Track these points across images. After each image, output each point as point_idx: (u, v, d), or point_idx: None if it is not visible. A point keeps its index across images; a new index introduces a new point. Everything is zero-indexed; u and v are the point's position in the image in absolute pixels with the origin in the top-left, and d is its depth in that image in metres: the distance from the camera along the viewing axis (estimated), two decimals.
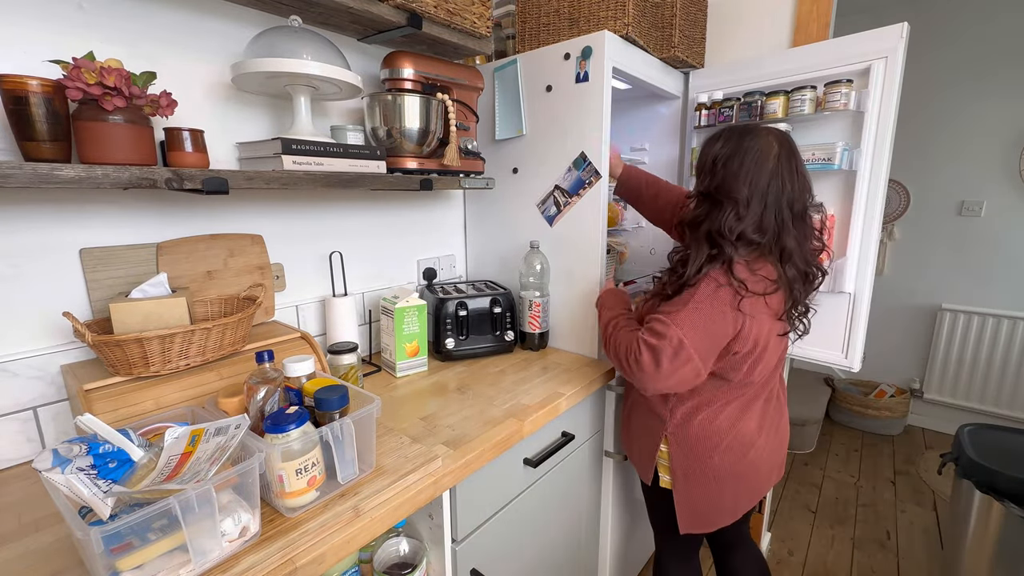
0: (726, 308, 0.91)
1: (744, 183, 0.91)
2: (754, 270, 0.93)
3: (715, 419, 1.03)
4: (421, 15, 1.10)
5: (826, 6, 1.38)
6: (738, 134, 0.96)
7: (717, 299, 0.91)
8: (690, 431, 1.05)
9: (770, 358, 1.00)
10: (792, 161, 0.93)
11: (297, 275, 1.26)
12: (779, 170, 0.92)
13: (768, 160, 0.91)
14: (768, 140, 0.93)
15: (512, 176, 1.50)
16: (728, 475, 1.05)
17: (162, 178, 0.78)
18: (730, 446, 1.03)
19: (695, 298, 0.91)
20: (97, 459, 0.57)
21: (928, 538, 2.00)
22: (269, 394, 0.79)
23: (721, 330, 0.92)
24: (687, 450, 1.05)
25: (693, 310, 0.91)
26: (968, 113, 2.58)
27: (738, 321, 0.91)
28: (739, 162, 0.92)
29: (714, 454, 1.04)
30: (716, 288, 0.91)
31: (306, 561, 0.65)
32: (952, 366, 2.76)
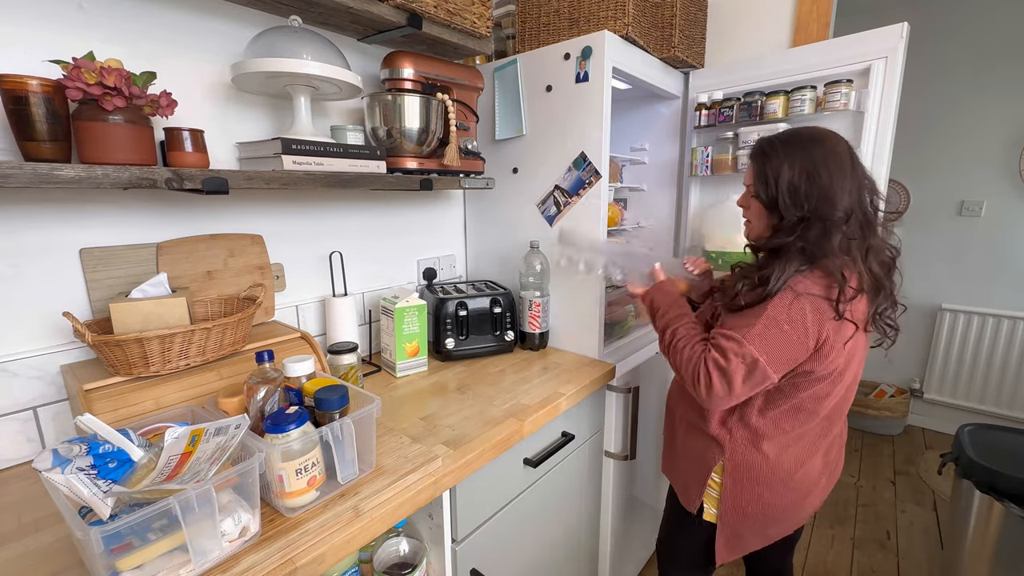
0: (807, 320, 0.82)
1: (842, 195, 0.83)
2: (833, 276, 0.84)
3: (782, 453, 0.93)
4: (421, 15, 1.10)
5: (826, 6, 1.39)
6: (799, 146, 0.87)
7: (793, 309, 0.82)
8: (753, 463, 0.94)
9: (847, 378, 0.92)
10: (855, 155, 0.88)
11: (297, 275, 1.26)
12: (856, 167, 0.86)
13: (846, 161, 0.85)
14: (833, 140, 0.87)
15: (512, 176, 1.50)
16: (784, 515, 0.98)
17: (162, 178, 0.78)
18: (794, 487, 0.95)
19: (770, 310, 0.83)
20: (97, 459, 0.57)
21: (928, 538, 2.00)
22: (269, 394, 0.79)
23: (798, 345, 0.83)
24: (746, 484, 0.95)
25: (768, 323, 0.82)
26: (968, 113, 2.58)
27: (818, 335, 0.83)
28: (827, 174, 0.83)
29: (778, 491, 0.94)
30: (794, 299, 0.82)
31: (306, 561, 0.65)
32: (952, 366, 2.76)
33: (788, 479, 0.94)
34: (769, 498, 0.95)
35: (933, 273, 2.79)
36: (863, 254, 0.87)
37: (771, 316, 0.82)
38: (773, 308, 0.83)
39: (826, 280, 0.84)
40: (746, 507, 0.97)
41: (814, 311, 0.82)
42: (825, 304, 0.82)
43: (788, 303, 0.83)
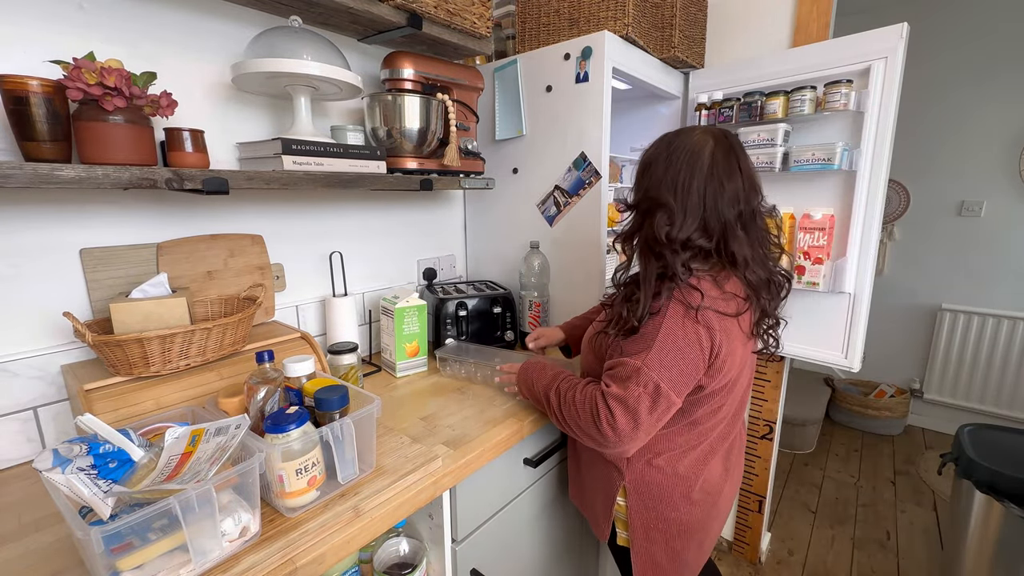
0: (701, 336, 0.78)
1: (672, 186, 0.81)
2: (722, 286, 0.82)
3: (678, 465, 0.90)
4: (421, 15, 1.10)
5: (826, 6, 1.38)
6: (668, 137, 0.87)
7: (687, 326, 0.78)
8: (652, 480, 0.91)
9: (739, 389, 0.91)
10: (731, 159, 0.82)
11: (297, 275, 1.26)
12: (714, 170, 0.80)
13: (700, 158, 0.81)
14: (701, 138, 0.83)
15: (512, 176, 1.50)
16: (695, 528, 0.93)
17: (162, 178, 0.78)
18: (697, 497, 0.92)
19: (664, 330, 0.78)
20: (97, 459, 0.57)
21: (928, 538, 2.00)
22: (269, 394, 0.79)
23: (696, 363, 0.79)
24: (649, 503, 0.92)
25: (664, 345, 0.77)
26: (968, 113, 2.58)
27: (712, 350, 0.79)
28: (665, 165, 0.82)
29: (680, 506, 0.91)
30: (685, 312, 0.78)
31: (306, 561, 0.65)
32: (952, 366, 2.76)
33: (689, 492, 0.91)
34: (674, 515, 0.91)
35: (933, 273, 2.79)
36: (729, 261, 0.83)
37: (666, 335, 0.77)
38: (667, 323, 0.78)
39: (713, 286, 0.81)
40: (653, 527, 0.93)
41: (706, 325, 0.78)
42: (716, 316, 0.79)
43: (681, 318, 0.78)
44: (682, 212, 0.80)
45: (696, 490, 0.91)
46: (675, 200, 0.80)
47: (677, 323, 0.78)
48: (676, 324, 0.78)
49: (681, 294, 0.79)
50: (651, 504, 0.92)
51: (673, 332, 0.78)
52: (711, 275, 0.82)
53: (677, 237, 0.80)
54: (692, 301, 0.78)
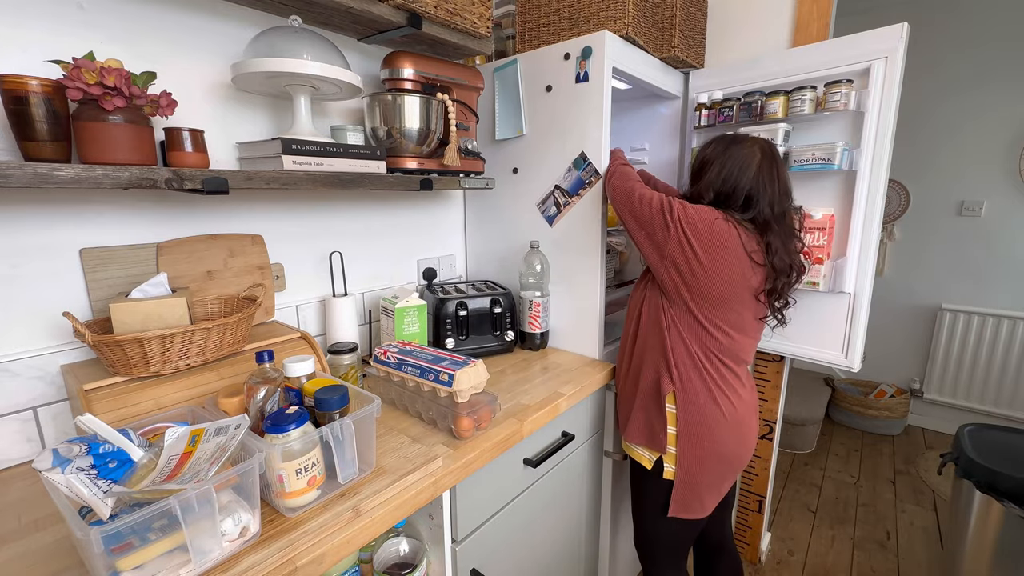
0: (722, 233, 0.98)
1: (719, 190, 1.03)
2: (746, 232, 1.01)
3: (712, 390, 1.06)
4: (421, 15, 1.10)
5: (826, 6, 1.38)
6: (727, 141, 1.05)
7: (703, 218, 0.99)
8: (697, 402, 1.06)
9: (748, 331, 1.07)
10: (773, 167, 1.02)
11: (297, 275, 1.26)
12: (760, 176, 1.01)
13: (750, 167, 1.01)
14: (752, 149, 1.02)
15: (512, 176, 1.50)
16: (730, 456, 1.09)
17: (162, 178, 0.78)
18: (731, 425, 1.07)
19: (679, 202, 1.01)
20: (97, 459, 0.57)
21: (928, 538, 2.00)
22: (269, 394, 0.79)
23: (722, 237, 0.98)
24: (695, 423, 1.06)
25: (680, 206, 1.00)
26: (968, 113, 2.58)
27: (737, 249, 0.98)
28: (720, 167, 1.03)
29: (718, 431, 1.06)
30: (714, 219, 0.99)
31: (306, 561, 0.65)
32: (952, 366, 2.76)
33: (725, 412, 1.06)
34: (717, 433, 1.06)
35: (933, 273, 2.79)
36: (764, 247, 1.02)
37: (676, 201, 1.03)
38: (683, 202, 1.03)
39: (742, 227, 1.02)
40: (700, 444, 1.07)
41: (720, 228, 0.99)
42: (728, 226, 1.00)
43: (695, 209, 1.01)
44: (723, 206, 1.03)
45: (728, 413, 1.06)
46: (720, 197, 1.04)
47: (692, 209, 1.00)
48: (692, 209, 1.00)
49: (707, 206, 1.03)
50: (700, 427, 1.06)
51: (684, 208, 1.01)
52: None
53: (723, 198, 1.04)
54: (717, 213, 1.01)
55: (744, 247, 0.98)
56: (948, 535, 1.58)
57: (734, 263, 0.98)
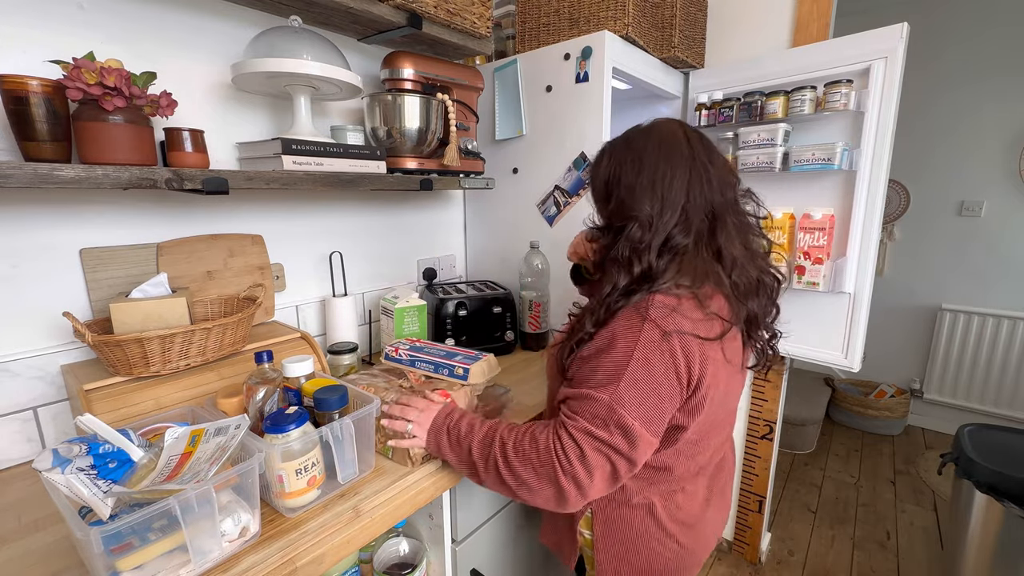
0: (679, 366, 0.65)
1: (651, 186, 0.69)
2: (705, 305, 0.68)
3: (653, 498, 0.78)
4: (421, 15, 1.10)
5: (826, 6, 1.38)
6: (623, 139, 0.76)
7: (664, 355, 0.64)
8: (619, 515, 0.79)
9: (722, 419, 0.79)
10: (704, 141, 0.74)
11: (297, 275, 1.26)
12: (696, 155, 0.71)
13: (678, 146, 0.71)
14: (668, 126, 0.74)
15: (512, 176, 1.50)
16: (676, 568, 0.81)
17: (162, 178, 0.78)
18: (677, 532, 0.79)
19: (636, 359, 0.64)
20: (97, 459, 0.57)
21: (928, 538, 2.00)
22: (268, 394, 0.79)
23: (671, 400, 0.66)
24: (618, 539, 0.80)
25: (636, 377, 0.64)
26: (968, 113, 2.58)
27: (691, 382, 0.67)
28: (636, 168, 0.71)
29: (653, 539, 0.79)
30: (662, 339, 0.64)
31: (306, 561, 0.65)
32: (952, 366, 2.76)
33: (666, 522, 0.79)
34: (645, 551, 0.79)
35: (933, 273, 2.79)
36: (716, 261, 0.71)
37: (638, 366, 0.64)
38: (640, 354, 0.64)
39: (697, 306, 0.67)
40: (624, 563, 0.80)
41: (686, 353, 0.65)
42: (697, 343, 0.65)
43: (655, 343, 0.64)
44: (659, 211, 0.68)
45: (670, 525, 0.79)
46: (655, 200, 0.69)
47: (653, 350, 0.64)
48: (653, 347, 0.64)
49: (658, 315, 0.65)
50: (618, 537, 0.80)
51: (648, 361, 0.64)
52: (693, 292, 0.68)
53: (652, 242, 0.68)
54: (669, 326, 0.64)
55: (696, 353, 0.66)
56: (948, 535, 1.58)
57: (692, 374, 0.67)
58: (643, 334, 0.64)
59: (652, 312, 0.65)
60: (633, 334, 0.65)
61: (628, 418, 0.63)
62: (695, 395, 0.68)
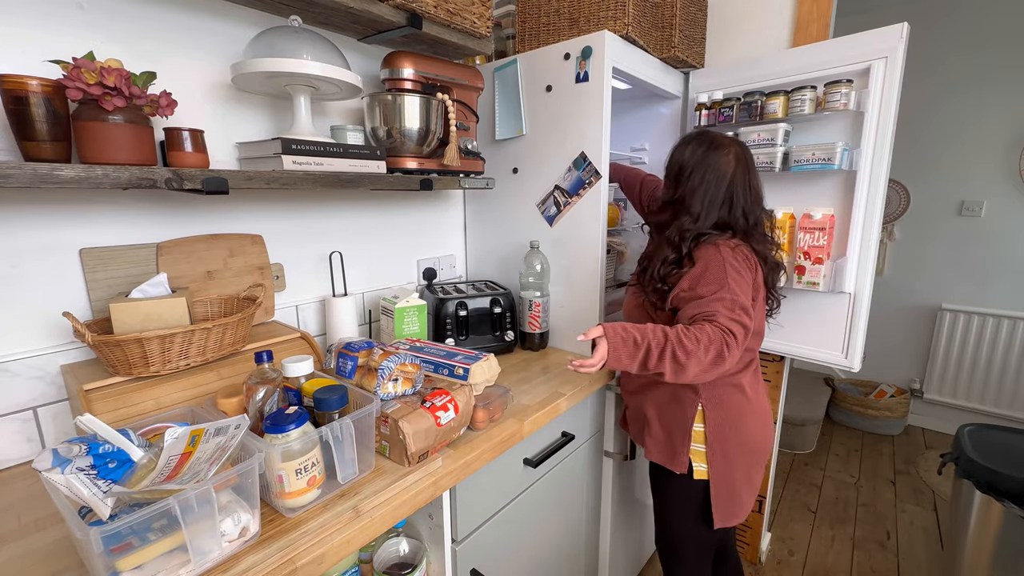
0: (751, 261, 1.00)
1: (701, 199, 1.02)
2: (747, 254, 1.02)
3: (740, 380, 1.06)
4: (421, 15, 1.10)
5: (826, 6, 1.38)
6: (706, 146, 1.04)
7: (739, 257, 0.98)
8: (724, 396, 1.05)
9: (760, 329, 1.08)
10: (747, 176, 1.04)
11: (297, 275, 1.26)
12: (733, 186, 1.03)
13: (725, 178, 1.02)
14: (728, 158, 1.03)
15: (512, 176, 1.50)
16: (760, 445, 1.08)
17: (162, 178, 0.78)
18: (756, 411, 1.07)
19: (728, 265, 0.96)
20: (97, 459, 0.57)
21: (928, 538, 2.00)
22: (268, 394, 0.79)
23: (752, 282, 0.99)
24: (724, 418, 1.05)
25: (734, 275, 0.95)
26: (968, 113, 2.58)
27: (756, 271, 1.01)
28: (700, 177, 1.02)
29: (748, 419, 1.05)
30: (733, 249, 0.98)
31: (306, 561, 0.65)
32: (952, 366, 2.76)
33: (750, 402, 1.07)
34: (747, 427, 1.06)
35: (933, 273, 2.79)
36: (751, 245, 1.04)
37: (731, 268, 0.95)
38: (728, 261, 0.96)
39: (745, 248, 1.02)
40: (730, 443, 1.05)
41: (748, 254, 1.00)
42: (749, 250, 1.02)
43: (731, 252, 0.98)
44: (704, 219, 1.02)
45: (753, 405, 1.07)
46: (697, 211, 1.02)
47: (732, 256, 0.97)
48: (732, 257, 0.97)
49: (725, 244, 0.99)
50: (725, 420, 1.05)
51: (734, 265, 0.96)
52: (740, 244, 1.02)
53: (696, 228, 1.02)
54: (732, 243, 0.99)
55: (756, 261, 1.02)
56: (948, 535, 1.58)
57: (755, 277, 1.02)
58: (722, 253, 0.98)
59: (722, 243, 1.00)
60: (717, 256, 0.98)
61: (743, 299, 0.94)
62: (755, 280, 1.01)
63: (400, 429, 0.80)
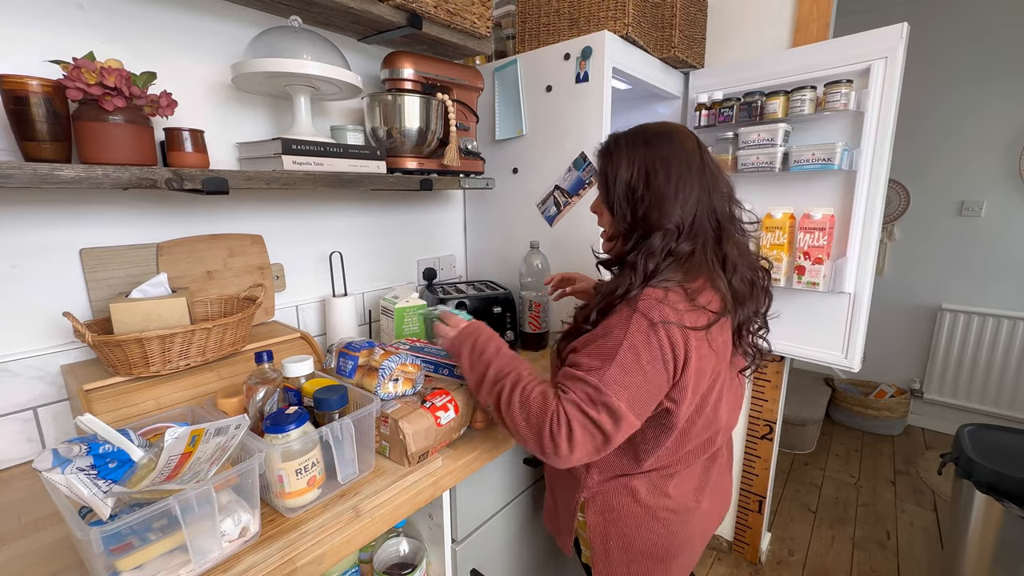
0: (665, 352, 0.69)
1: (678, 200, 0.74)
2: (695, 299, 0.72)
3: (631, 482, 0.83)
4: (421, 15, 1.10)
5: (826, 6, 1.38)
6: (642, 140, 0.78)
7: (651, 342, 0.69)
8: (612, 500, 0.84)
9: (714, 410, 0.80)
10: (708, 154, 0.79)
11: (297, 275, 1.26)
12: (705, 168, 0.76)
13: (694, 160, 0.76)
14: (684, 132, 0.79)
15: (512, 176, 1.50)
16: (663, 553, 0.84)
17: (162, 178, 0.78)
18: (666, 517, 0.83)
19: (626, 346, 0.69)
20: (97, 459, 0.57)
21: (928, 538, 2.00)
22: (268, 394, 0.79)
23: (659, 383, 0.71)
24: (608, 519, 0.85)
25: (625, 363, 0.69)
26: (968, 113, 2.58)
27: (676, 368, 0.71)
28: (665, 175, 0.74)
29: (642, 525, 0.83)
30: (649, 328, 0.69)
31: (306, 561, 0.65)
32: (952, 366, 2.76)
33: (657, 508, 0.83)
34: (635, 534, 0.83)
35: (933, 273, 2.79)
36: (720, 263, 0.77)
37: (627, 352, 0.69)
38: (629, 342, 0.69)
39: (685, 299, 0.72)
40: (611, 548, 0.85)
41: (671, 340, 0.69)
42: (680, 332, 0.70)
43: (645, 333, 0.69)
44: (680, 222, 0.74)
45: (661, 511, 0.83)
46: (680, 211, 0.74)
47: (640, 338, 0.69)
48: (642, 339, 0.69)
49: (646, 307, 0.70)
50: (610, 520, 0.84)
51: (635, 349, 0.69)
52: (683, 287, 0.73)
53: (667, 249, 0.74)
54: (656, 316, 0.69)
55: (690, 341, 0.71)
56: (948, 535, 1.58)
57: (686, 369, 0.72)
58: (632, 324, 0.70)
59: (641, 304, 0.71)
60: (624, 324, 0.71)
61: (615, 399, 0.68)
62: (681, 380, 0.72)
63: (400, 429, 0.80)
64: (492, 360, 0.80)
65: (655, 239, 0.74)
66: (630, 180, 0.76)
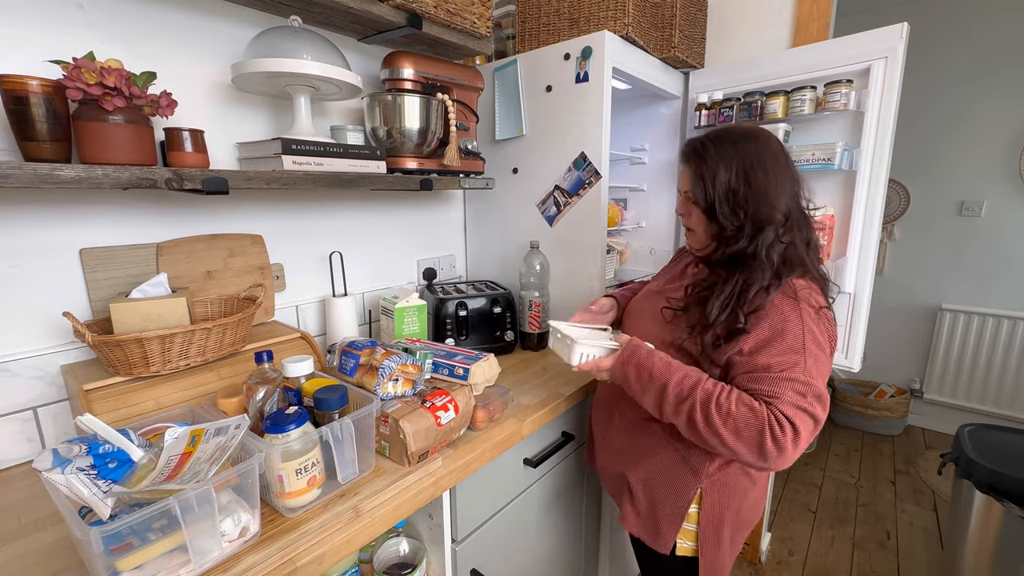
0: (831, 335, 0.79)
1: (780, 194, 0.79)
2: (813, 284, 0.82)
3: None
4: (421, 15, 1.10)
5: (826, 6, 1.38)
6: (730, 143, 0.82)
7: (821, 328, 0.77)
8: (729, 479, 0.88)
9: None
10: (786, 150, 0.85)
11: (297, 275, 1.26)
12: (790, 162, 0.82)
13: (781, 155, 0.81)
14: (765, 136, 0.83)
15: (512, 176, 1.50)
16: (755, 516, 0.95)
17: (162, 178, 0.78)
18: (759, 487, 0.93)
19: (809, 336, 0.75)
20: (97, 459, 0.57)
21: (928, 538, 2.00)
22: (268, 394, 0.79)
23: (830, 361, 0.79)
24: (727, 502, 0.88)
25: (813, 352, 0.75)
26: (968, 113, 2.58)
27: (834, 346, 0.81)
28: (763, 172, 0.79)
29: (748, 500, 0.91)
30: (816, 314, 0.77)
31: (306, 561, 0.65)
32: (952, 366, 2.76)
33: (762, 482, 0.94)
34: (745, 503, 0.91)
35: (933, 273, 2.79)
36: (808, 251, 0.84)
37: (812, 341, 0.75)
38: (809, 330, 0.75)
39: (816, 286, 0.82)
40: (724, 528, 0.89)
41: (829, 323, 0.80)
42: (832, 313, 0.81)
43: (814, 321, 0.76)
44: (788, 213, 0.80)
45: (758, 476, 0.92)
46: (785, 204, 0.79)
47: (814, 322, 0.76)
48: (814, 323, 0.76)
49: (806, 296, 0.78)
50: (726, 500, 0.88)
51: (815, 335, 0.76)
52: (810, 275, 0.82)
53: (783, 240, 0.80)
54: (815, 302, 0.78)
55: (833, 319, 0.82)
56: (948, 535, 1.58)
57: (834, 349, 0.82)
58: (803, 314, 0.76)
59: (801, 294, 0.78)
60: (795, 316, 0.76)
61: (820, 385, 0.74)
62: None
63: (400, 429, 0.81)
64: (664, 378, 0.79)
65: (768, 233, 0.79)
66: (730, 181, 0.80)
